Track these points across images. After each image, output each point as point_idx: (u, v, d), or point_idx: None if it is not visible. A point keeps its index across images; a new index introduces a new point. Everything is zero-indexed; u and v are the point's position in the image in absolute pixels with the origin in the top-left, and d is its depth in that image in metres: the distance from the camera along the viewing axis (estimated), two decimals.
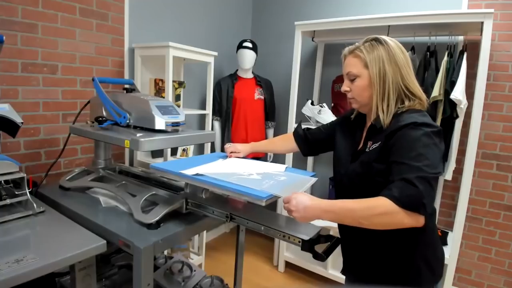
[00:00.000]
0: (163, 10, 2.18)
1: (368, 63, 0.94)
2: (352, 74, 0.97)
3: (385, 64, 0.92)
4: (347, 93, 1.02)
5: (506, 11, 1.91)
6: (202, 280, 1.55)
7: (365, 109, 1.03)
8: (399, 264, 0.95)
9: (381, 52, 0.93)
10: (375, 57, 0.93)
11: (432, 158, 0.81)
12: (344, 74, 1.01)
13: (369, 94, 0.96)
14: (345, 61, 1.01)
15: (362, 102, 0.99)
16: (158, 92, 2.01)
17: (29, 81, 1.56)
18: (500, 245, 2.05)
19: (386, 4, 2.29)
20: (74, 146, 1.77)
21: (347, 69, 0.99)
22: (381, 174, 0.90)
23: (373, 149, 0.94)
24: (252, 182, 1.00)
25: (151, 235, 1.05)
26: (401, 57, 0.93)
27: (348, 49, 1.00)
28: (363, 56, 0.95)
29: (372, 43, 0.95)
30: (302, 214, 0.85)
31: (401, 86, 0.93)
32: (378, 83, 0.93)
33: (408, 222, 0.78)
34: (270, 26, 2.91)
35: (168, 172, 1.10)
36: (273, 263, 2.54)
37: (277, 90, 2.75)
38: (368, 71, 0.94)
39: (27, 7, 1.50)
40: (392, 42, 0.95)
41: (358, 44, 0.98)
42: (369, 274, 1.02)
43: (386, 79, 0.93)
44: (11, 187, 1.16)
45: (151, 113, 1.22)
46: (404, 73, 0.93)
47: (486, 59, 1.67)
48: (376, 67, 0.93)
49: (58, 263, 0.88)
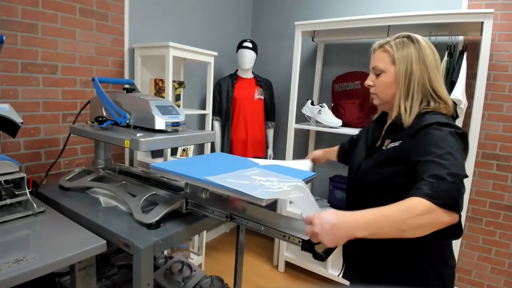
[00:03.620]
0: (163, 10, 2.18)
1: (396, 60, 0.92)
2: (378, 69, 0.95)
3: (413, 63, 0.90)
4: (370, 87, 1.00)
5: (506, 11, 1.91)
6: (202, 280, 1.55)
7: (387, 107, 1.01)
8: (408, 269, 0.91)
9: (411, 50, 0.91)
10: (404, 55, 0.91)
11: (459, 158, 0.76)
12: (370, 67, 0.99)
13: (393, 91, 0.94)
14: (373, 55, 0.98)
15: (384, 99, 0.97)
16: (158, 92, 2.01)
17: (29, 81, 1.56)
18: (500, 245, 2.05)
19: (386, 4, 2.29)
20: (74, 146, 1.77)
21: (373, 63, 0.97)
22: (397, 174, 0.87)
23: (391, 148, 0.92)
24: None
25: (151, 235, 1.05)
26: (431, 58, 0.91)
27: (378, 43, 0.98)
28: (392, 51, 0.92)
29: (403, 40, 0.93)
30: (331, 237, 0.72)
31: (428, 88, 0.90)
32: (403, 81, 0.91)
33: (447, 220, 0.70)
34: (270, 26, 2.91)
35: (169, 172, 1.10)
36: (273, 263, 2.54)
37: (277, 90, 2.75)
38: (394, 68, 0.92)
39: (27, 7, 1.50)
40: (424, 42, 0.92)
41: (389, 39, 0.95)
42: (375, 278, 0.97)
43: (412, 79, 0.90)
44: (11, 187, 1.16)
45: (151, 113, 1.22)
46: (432, 75, 0.90)
47: (486, 59, 1.67)
48: (404, 65, 0.90)
49: (58, 263, 0.88)
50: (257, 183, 1.00)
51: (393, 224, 0.70)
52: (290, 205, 2.45)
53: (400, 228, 0.70)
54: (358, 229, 0.71)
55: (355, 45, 2.45)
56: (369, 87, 1.00)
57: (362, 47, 2.42)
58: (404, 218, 0.69)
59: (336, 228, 0.71)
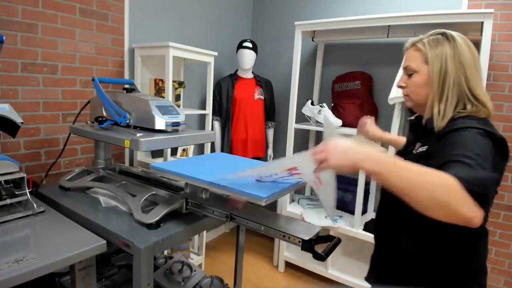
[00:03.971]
0: (163, 10, 2.18)
1: (429, 59, 0.86)
2: (410, 68, 0.90)
3: (447, 61, 0.84)
4: (402, 88, 0.94)
5: (506, 11, 1.91)
6: (202, 280, 1.55)
7: (420, 109, 0.93)
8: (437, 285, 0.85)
9: (445, 48, 0.84)
10: (438, 53, 0.85)
11: (489, 162, 0.67)
12: (402, 67, 0.94)
13: (426, 93, 0.88)
14: (406, 54, 0.93)
15: (417, 101, 0.91)
16: (158, 92, 2.01)
17: (29, 81, 1.56)
18: (500, 245, 2.05)
19: (386, 4, 2.29)
20: (74, 146, 1.77)
21: (405, 62, 0.92)
22: None
23: (419, 152, 0.87)
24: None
25: (151, 235, 1.05)
26: (468, 56, 0.84)
27: (410, 41, 0.93)
28: (425, 50, 0.87)
29: (437, 37, 0.87)
30: (338, 155, 0.68)
31: (464, 89, 0.84)
32: (437, 82, 0.85)
33: (466, 213, 0.59)
34: (270, 26, 2.91)
35: (168, 172, 1.10)
36: (273, 263, 2.54)
37: (277, 90, 2.75)
38: (427, 67, 0.86)
39: (27, 7, 1.50)
40: (460, 39, 0.86)
41: (422, 37, 0.90)
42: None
43: (447, 79, 0.84)
44: (11, 187, 1.16)
45: (151, 113, 1.22)
46: (469, 74, 0.83)
47: (486, 59, 1.67)
48: (437, 64, 0.84)
49: (58, 263, 0.88)
50: (258, 182, 1.00)
51: (403, 176, 0.63)
52: (290, 205, 2.45)
53: (407, 186, 0.63)
54: (366, 160, 0.67)
55: (355, 45, 2.45)
56: (401, 89, 0.94)
57: (362, 47, 2.42)
58: (420, 179, 0.62)
59: (349, 150, 0.68)
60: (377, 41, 2.33)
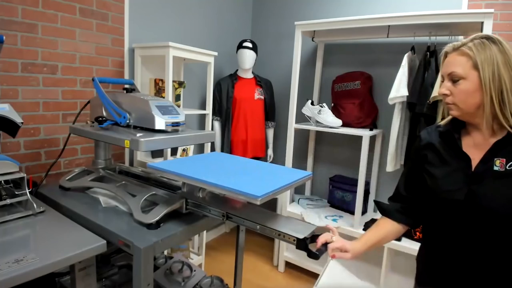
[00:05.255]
0: (163, 10, 2.18)
1: (479, 64, 0.79)
2: (457, 75, 0.82)
3: (500, 66, 0.77)
4: (445, 97, 0.86)
5: (506, 11, 1.91)
6: (202, 280, 1.55)
7: (470, 117, 0.85)
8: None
9: (494, 52, 0.79)
10: (487, 57, 0.78)
11: None
12: (445, 74, 0.86)
13: (476, 100, 0.80)
14: (447, 58, 0.86)
15: (466, 110, 0.83)
16: (158, 92, 2.01)
17: (29, 81, 1.56)
18: None
19: (386, 4, 2.29)
20: (74, 146, 1.77)
21: (450, 68, 0.84)
22: None
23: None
24: None
25: (151, 235, 1.05)
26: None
27: (452, 46, 0.85)
28: (472, 54, 0.80)
29: (482, 41, 0.81)
30: None
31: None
32: (494, 87, 0.78)
33: None
34: (270, 26, 2.91)
35: (165, 171, 1.10)
36: (273, 263, 2.54)
37: (277, 90, 2.76)
38: (477, 73, 0.79)
39: (27, 7, 1.50)
40: (506, 43, 0.81)
41: (465, 41, 0.83)
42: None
43: (502, 84, 0.78)
44: (11, 187, 1.16)
45: (151, 113, 1.22)
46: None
47: None
48: (489, 68, 0.78)
49: (58, 263, 0.88)
50: (254, 181, 1.00)
51: None
52: (290, 205, 2.45)
53: None
54: None
55: (355, 45, 2.45)
56: (444, 97, 0.87)
57: (362, 47, 2.42)
58: None
59: None
60: (377, 41, 2.33)
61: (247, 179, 1.02)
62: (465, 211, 0.82)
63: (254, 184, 0.97)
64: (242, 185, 0.95)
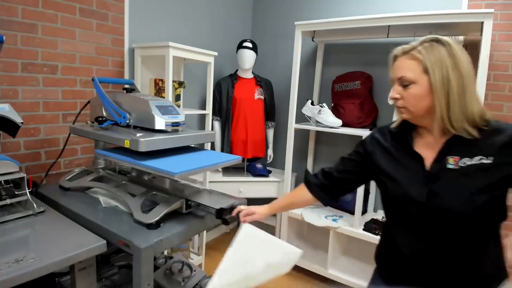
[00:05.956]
0: (163, 10, 2.18)
1: (429, 68, 0.79)
2: (407, 79, 0.82)
3: (449, 68, 0.78)
4: (396, 100, 0.86)
5: (506, 11, 1.91)
6: (202, 280, 1.55)
7: (421, 120, 0.86)
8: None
9: (443, 55, 0.79)
10: (437, 61, 0.79)
11: None
12: (394, 78, 0.86)
13: (427, 104, 0.81)
14: (396, 62, 0.86)
15: (416, 113, 0.84)
16: (158, 92, 2.01)
17: (29, 81, 1.56)
18: None
19: (386, 4, 2.29)
20: (74, 146, 1.77)
21: (400, 72, 0.84)
22: (494, 197, 0.78)
23: (474, 165, 0.79)
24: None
25: (151, 235, 1.06)
26: (466, 65, 0.80)
27: (401, 49, 0.85)
28: (422, 58, 0.80)
29: (432, 44, 0.81)
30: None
31: (471, 93, 0.80)
32: (444, 91, 0.79)
33: None
34: (270, 26, 2.91)
35: (110, 157, 1.23)
36: None
37: (277, 90, 2.75)
38: (428, 77, 0.80)
39: (27, 7, 1.50)
40: (456, 45, 0.81)
41: (414, 44, 0.84)
42: None
43: (450, 88, 0.78)
44: (11, 187, 1.16)
45: (151, 113, 1.22)
46: (467, 86, 0.79)
47: (486, 59, 1.67)
48: (439, 72, 0.79)
49: (58, 263, 0.88)
50: (179, 161, 1.18)
51: None
52: None
53: None
54: None
55: (355, 45, 2.45)
56: (395, 101, 0.87)
57: (362, 47, 2.42)
58: None
59: None
60: (377, 41, 2.33)
61: (177, 161, 1.17)
62: (425, 210, 0.83)
63: (179, 165, 1.12)
64: (168, 165, 1.09)
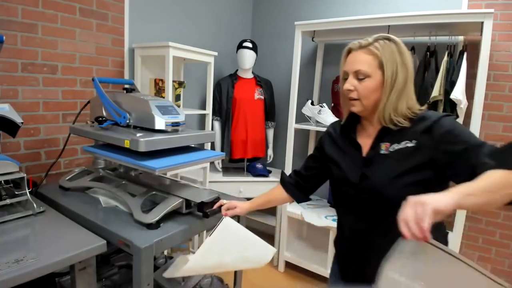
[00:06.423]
0: (163, 10, 2.18)
1: (384, 64, 0.86)
2: (363, 72, 0.87)
3: (398, 67, 0.86)
4: (349, 92, 0.91)
5: (506, 11, 1.91)
6: (202, 280, 1.55)
7: (366, 113, 0.93)
8: None
9: (395, 53, 0.86)
10: (391, 58, 0.86)
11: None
12: (350, 70, 0.90)
13: (376, 97, 0.88)
14: (352, 56, 0.91)
15: (366, 105, 0.90)
16: (158, 92, 2.01)
17: (29, 81, 1.56)
18: (500, 245, 2.05)
19: (386, 4, 2.29)
20: (74, 146, 1.77)
21: (356, 65, 0.88)
22: (422, 177, 0.83)
23: (404, 148, 0.86)
24: None
25: (151, 235, 1.05)
26: (410, 63, 0.88)
27: (358, 43, 0.90)
28: (379, 54, 0.86)
29: (385, 41, 0.88)
30: (432, 203, 0.61)
31: (410, 89, 0.89)
32: (390, 86, 0.86)
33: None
34: (270, 26, 2.91)
35: (98, 153, 1.29)
36: (273, 263, 2.54)
37: (277, 90, 2.75)
38: (381, 72, 0.87)
39: (27, 7, 1.50)
40: (403, 44, 0.89)
41: (370, 40, 0.89)
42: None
43: (397, 83, 0.86)
44: (11, 187, 1.16)
45: (151, 113, 1.22)
46: (409, 82, 0.88)
47: (486, 59, 1.67)
48: (391, 69, 0.86)
49: (58, 263, 0.88)
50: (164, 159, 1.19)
51: (494, 192, 0.68)
52: (291, 205, 2.45)
53: (501, 196, 0.69)
54: (467, 197, 0.67)
55: None
56: (348, 92, 0.91)
57: None
58: (501, 188, 0.68)
59: (438, 196, 0.64)
60: None
61: (166, 159, 1.19)
62: (359, 191, 0.92)
63: (162, 161, 1.14)
64: (150, 161, 1.12)
